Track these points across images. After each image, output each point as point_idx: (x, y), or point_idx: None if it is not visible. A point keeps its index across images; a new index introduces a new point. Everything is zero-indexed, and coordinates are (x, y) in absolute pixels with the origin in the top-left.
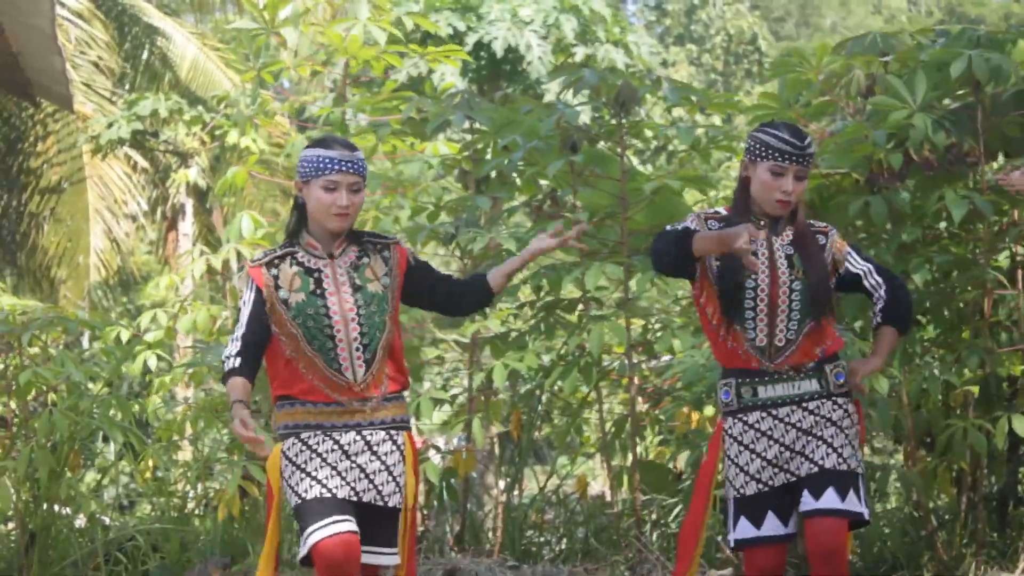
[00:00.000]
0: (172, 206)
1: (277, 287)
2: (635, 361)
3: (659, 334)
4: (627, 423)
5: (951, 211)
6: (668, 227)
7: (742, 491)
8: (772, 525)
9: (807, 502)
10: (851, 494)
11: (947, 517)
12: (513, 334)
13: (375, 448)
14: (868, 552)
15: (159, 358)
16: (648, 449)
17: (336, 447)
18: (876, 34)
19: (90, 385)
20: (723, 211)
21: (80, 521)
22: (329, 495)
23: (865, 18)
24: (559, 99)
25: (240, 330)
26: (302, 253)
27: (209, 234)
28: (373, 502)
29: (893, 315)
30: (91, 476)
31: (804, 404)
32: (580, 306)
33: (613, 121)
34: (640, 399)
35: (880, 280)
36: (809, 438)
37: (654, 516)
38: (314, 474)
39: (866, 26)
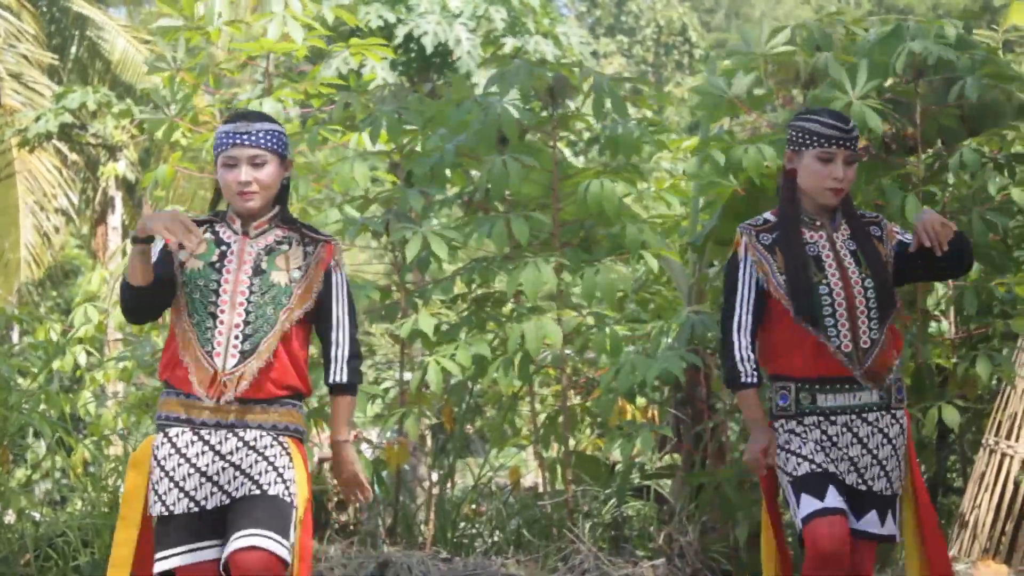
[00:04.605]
0: (101, 199)
1: (180, 246)
2: (567, 353)
3: (593, 331)
4: (560, 415)
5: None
6: (729, 260)
7: (795, 472)
8: (834, 498)
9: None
10: (889, 517)
11: None
12: (444, 326)
13: (252, 444)
14: (800, 540)
15: (88, 353)
16: (581, 440)
17: (207, 448)
18: (813, 24)
19: (19, 380)
20: (771, 216)
21: (9, 517)
22: (170, 513)
23: (794, 8)
24: (490, 92)
25: None
26: (222, 224)
27: None
28: (249, 493)
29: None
30: (21, 472)
31: (863, 415)
32: (511, 300)
33: (544, 113)
34: (572, 391)
35: None
36: (864, 451)
37: (586, 507)
38: (169, 484)
39: (796, 17)
